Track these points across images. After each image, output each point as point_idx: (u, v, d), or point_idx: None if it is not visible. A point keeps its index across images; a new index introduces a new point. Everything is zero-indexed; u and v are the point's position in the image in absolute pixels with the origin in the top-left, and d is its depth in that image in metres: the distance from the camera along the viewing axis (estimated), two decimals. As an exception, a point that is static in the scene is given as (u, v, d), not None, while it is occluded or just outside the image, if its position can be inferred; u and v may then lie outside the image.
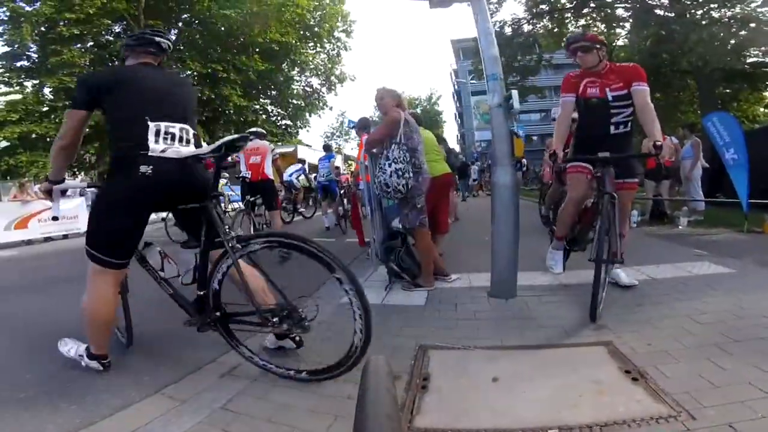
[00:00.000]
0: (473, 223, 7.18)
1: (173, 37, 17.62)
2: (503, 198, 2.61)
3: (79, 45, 15.66)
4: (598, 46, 2.50)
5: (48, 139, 15.09)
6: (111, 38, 16.60)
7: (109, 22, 15.87)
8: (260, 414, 1.48)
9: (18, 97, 15.23)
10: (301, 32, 19.16)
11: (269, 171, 4.82)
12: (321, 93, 21.65)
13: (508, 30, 14.05)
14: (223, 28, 17.03)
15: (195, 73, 16.46)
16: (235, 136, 1.68)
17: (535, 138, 30.21)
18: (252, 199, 4.73)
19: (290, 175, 9.21)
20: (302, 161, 12.09)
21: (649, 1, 11.80)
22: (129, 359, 2.11)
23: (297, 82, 21.12)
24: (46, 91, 15.70)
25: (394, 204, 3.23)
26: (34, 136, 14.49)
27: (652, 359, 1.63)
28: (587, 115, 2.58)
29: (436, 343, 1.92)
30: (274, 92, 20.20)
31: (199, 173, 1.78)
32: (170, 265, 1.96)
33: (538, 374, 1.62)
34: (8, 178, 14.21)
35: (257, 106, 19.59)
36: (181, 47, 17.11)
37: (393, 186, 2.77)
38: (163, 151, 1.65)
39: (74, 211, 9.62)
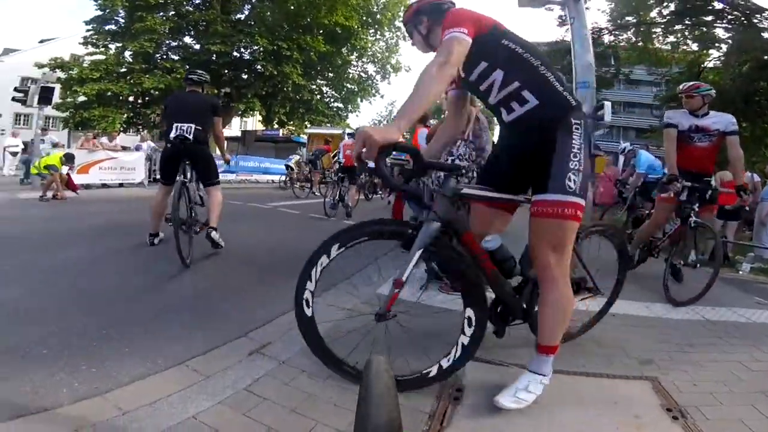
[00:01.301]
0: (515, 234, 6.93)
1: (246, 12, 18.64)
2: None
3: (161, 13, 16.43)
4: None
5: (121, 98, 16.16)
6: (191, 8, 17.24)
7: None
8: (284, 401, 1.37)
9: (101, 57, 16.29)
10: (364, 18, 19.12)
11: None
12: (375, 80, 21.60)
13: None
14: (292, 7, 17.27)
15: (261, 49, 16.82)
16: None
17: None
18: (342, 176, 7.17)
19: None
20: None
21: (757, 23, 10.70)
22: (164, 321, 2.08)
23: (354, 66, 21.11)
24: (127, 54, 16.67)
25: None
26: (109, 94, 15.43)
27: (696, 400, 1.56)
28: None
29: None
30: (330, 74, 20.28)
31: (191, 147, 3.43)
32: None
33: (576, 402, 1.55)
34: (80, 129, 15.56)
35: (314, 86, 19.93)
36: (252, 22, 17.55)
37: None
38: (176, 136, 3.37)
39: (133, 164, 10.42)
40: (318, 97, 20.28)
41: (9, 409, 1.27)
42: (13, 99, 10.36)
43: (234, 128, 24.34)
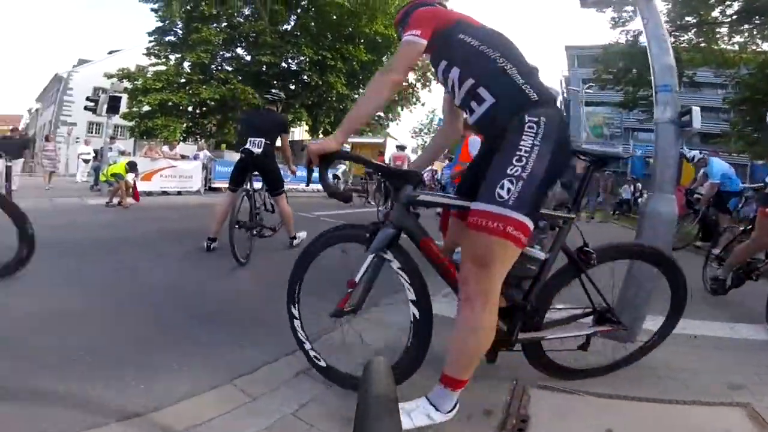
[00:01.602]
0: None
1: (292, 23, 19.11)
2: (657, 231, 2.10)
3: (215, 24, 17.21)
4: None
5: (181, 108, 16.98)
6: (241, 20, 17.94)
7: (241, 3, 17.20)
8: (332, 430, 1.29)
9: (163, 68, 17.22)
10: None
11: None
12: (415, 88, 21.59)
13: (644, 41, 12.68)
14: (334, 17, 17.58)
15: (307, 59, 17.25)
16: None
17: (652, 160, 27.17)
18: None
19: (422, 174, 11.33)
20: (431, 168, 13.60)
21: None
22: (212, 333, 2.07)
23: None
24: (185, 65, 17.53)
25: None
26: (170, 103, 16.33)
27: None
28: None
29: (538, 381, 1.63)
30: None
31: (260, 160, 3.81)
32: None
33: None
34: (144, 137, 16.67)
35: (356, 96, 20.33)
36: (298, 33, 18.06)
37: None
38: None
39: (191, 172, 10.97)
40: None
41: (53, 424, 1.25)
42: (85, 108, 11.37)
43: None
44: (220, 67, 18.32)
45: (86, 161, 13.40)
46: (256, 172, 3.86)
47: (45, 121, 35.78)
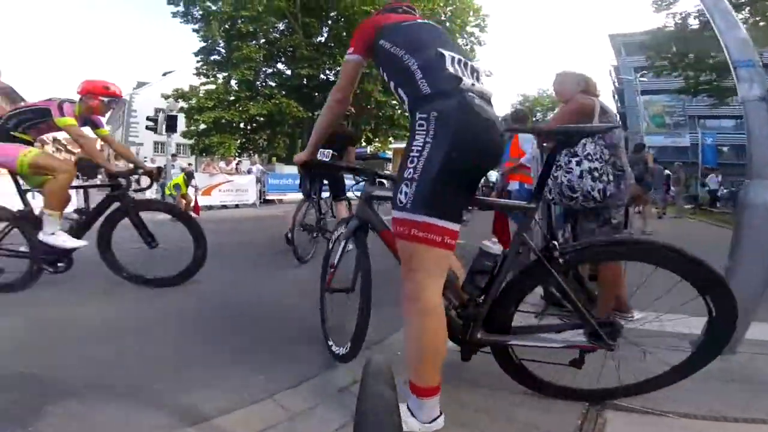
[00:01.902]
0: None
1: (325, 35, 19.33)
2: (756, 223, 1.82)
3: (254, 41, 17.76)
4: None
5: (233, 125, 17.71)
6: (277, 35, 18.48)
7: (274, 19, 17.61)
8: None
9: (212, 87, 18.06)
10: None
11: None
12: None
13: (693, 23, 11.89)
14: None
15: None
16: None
17: (725, 149, 24.49)
18: None
19: None
20: None
21: None
22: (255, 344, 2.04)
23: None
24: (233, 82, 18.25)
25: (561, 212, 2.58)
26: (223, 121, 17.15)
27: None
28: None
29: (615, 402, 1.42)
30: None
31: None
32: None
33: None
34: (204, 154, 17.73)
35: (394, 102, 20.54)
36: (332, 44, 18.40)
37: (583, 190, 2.11)
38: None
39: (247, 186, 11.64)
40: (399, 111, 20.82)
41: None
42: (146, 128, 12.44)
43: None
44: (264, 83, 19.02)
45: (155, 178, 14.65)
46: (325, 181, 4.37)
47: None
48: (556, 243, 1.34)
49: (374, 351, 1.86)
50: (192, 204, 9.00)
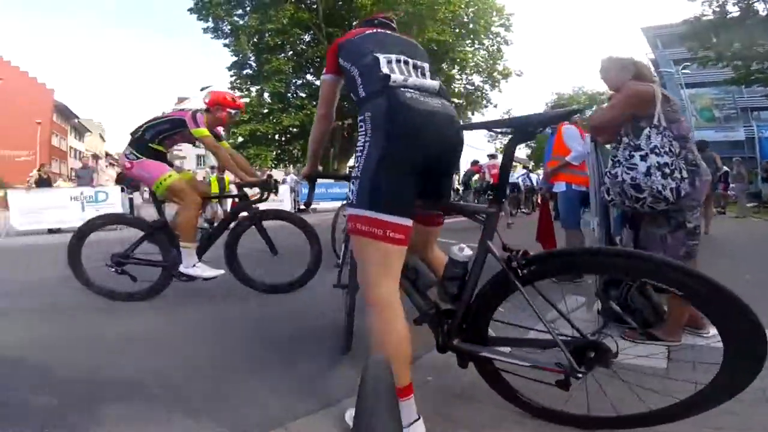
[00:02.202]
0: (719, 251, 4.98)
1: None
2: None
3: (282, 54, 18.10)
4: None
5: (268, 137, 18.25)
6: (304, 47, 18.74)
7: (300, 31, 17.75)
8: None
9: (247, 100, 18.10)
10: (456, 30, 18.74)
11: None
12: (483, 90, 21.00)
13: (733, 9, 11.22)
14: None
15: None
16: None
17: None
18: (490, 193, 8.20)
19: (517, 178, 12.36)
20: (525, 167, 14.31)
21: None
22: (274, 364, 1.93)
23: (458, 80, 20.70)
24: (266, 95, 18.68)
25: (619, 215, 2.32)
26: (258, 133, 17.72)
27: None
28: None
29: None
30: None
31: None
32: None
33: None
34: None
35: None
36: None
37: (652, 189, 1.80)
38: None
39: (282, 196, 11.90)
40: None
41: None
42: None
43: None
44: (295, 95, 19.47)
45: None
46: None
47: None
48: (516, 252, 1.23)
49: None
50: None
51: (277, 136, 19.24)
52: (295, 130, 18.21)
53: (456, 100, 21.09)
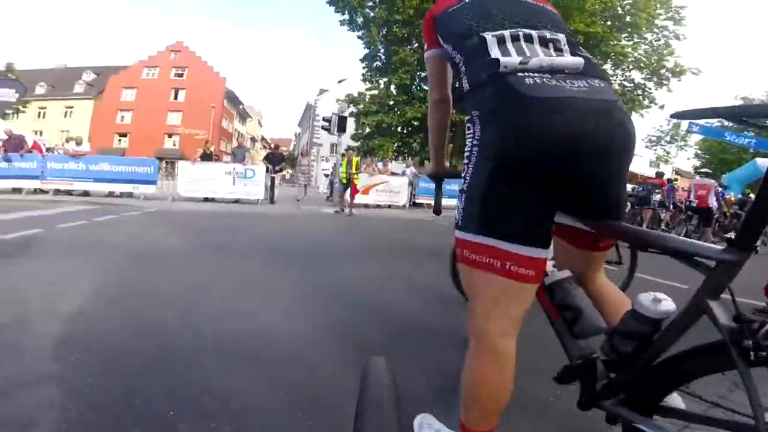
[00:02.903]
0: None
1: None
2: None
3: (408, 46, 18.09)
4: None
5: (392, 128, 18.80)
6: None
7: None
8: None
9: (375, 92, 19.24)
10: (608, 22, 16.75)
11: (712, 201, 8.74)
12: (646, 89, 18.25)
13: None
14: None
15: None
16: None
17: None
18: (691, 215, 9.09)
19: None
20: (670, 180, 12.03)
21: None
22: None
23: (612, 76, 18.33)
24: (392, 87, 18.99)
25: None
26: (384, 125, 18.36)
27: None
28: None
29: None
30: None
31: None
32: None
33: None
34: (368, 156, 19.55)
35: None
36: None
37: None
38: None
39: (400, 187, 12.33)
40: None
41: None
42: (322, 128, 14.23)
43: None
44: (419, 87, 19.38)
45: (326, 176, 16.91)
46: None
47: (303, 144, 46.34)
48: (753, 324, 0.76)
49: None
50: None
51: (399, 128, 19.58)
52: (416, 123, 18.31)
53: (609, 99, 18.71)
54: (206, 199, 10.66)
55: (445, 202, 1.69)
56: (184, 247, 4.50)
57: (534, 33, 0.97)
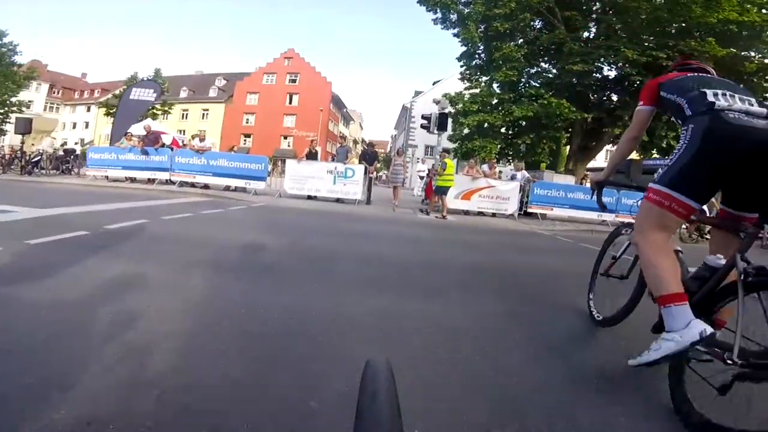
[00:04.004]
0: None
1: (593, 29, 16.45)
2: None
3: (512, 42, 16.62)
4: None
5: (495, 128, 17.19)
6: (536, 33, 16.77)
7: (530, 16, 15.92)
8: None
9: (476, 90, 17.71)
10: (765, 10, 13.24)
11: None
12: None
13: None
14: (644, 14, 14.13)
15: (627, 63, 14.56)
16: None
17: None
18: None
19: None
20: None
21: None
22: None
23: None
24: (494, 85, 17.54)
25: None
26: (485, 125, 16.95)
27: None
28: None
29: None
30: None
31: None
32: None
33: None
34: (466, 158, 18.07)
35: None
36: (603, 37, 15.64)
37: None
38: None
39: (509, 193, 10.70)
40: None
41: None
42: (421, 126, 13.37)
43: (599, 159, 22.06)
44: (528, 84, 17.74)
45: (421, 177, 16.10)
46: None
47: (399, 145, 46.65)
48: (749, 268, 1.43)
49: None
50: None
51: (504, 129, 17.91)
52: (524, 122, 16.39)
53: None
54: (309, 197, 10.70)
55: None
56: (268, 252, 3.99)
57: (735, 94, 1.61)
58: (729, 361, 1.25)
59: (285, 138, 46.47)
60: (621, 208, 10.37)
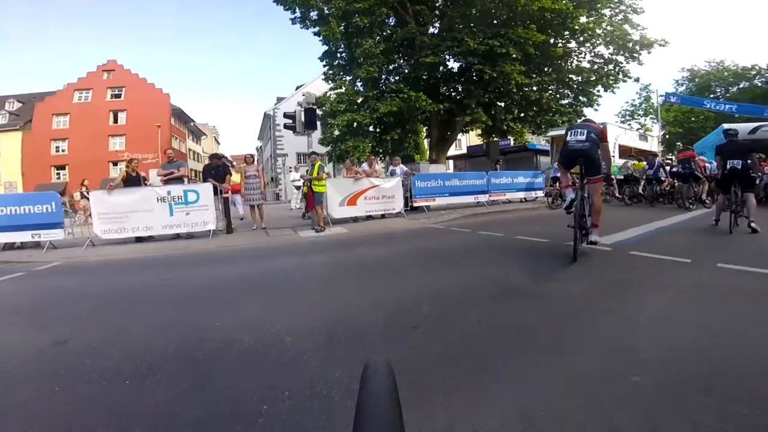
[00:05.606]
0: None
1: (438, 24, 17.27)
2: None
3: (370, 38, 16.14)
4: None
5: (364, 127, 16.66)
6: (390, 30, 16.89)
7: (386, 11, 15.75)
8: None
9: (342, 90, 16.78)
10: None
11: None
12: (618, 63, 17.11)
13: None
14: (477, 7, 15.48)
15: (468, 51, 15.21)
16: None
17: None
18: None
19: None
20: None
21: None
22: None
23: (578, 54, 17.28)
24: (358, 83, 16.87)
25: None
26: (355, 124, 16.13)
27: None
28: None
29: None
30: (548, 69, 16.95)
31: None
32: None
33: None
34: (340, 161, 16.79)
35: (543, 82, 17.15)
36: (449, 29, 16.41)
37: None
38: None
39: (393, 191, 9.99)
40: (547, 93, 17.29)
41: None
42: (285, 126, 11.46)
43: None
44: (388, 80, 17.54)
45: (297, 188, 14.14)
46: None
47: (267, 156, 42.52)
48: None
49: None
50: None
51: (371, 128, 17.42)
52: (390, 119, 16.00)
53: (573, 77, 17.34)
54: (138, 239, 7.78)
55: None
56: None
57: (578, 129, 4.89)
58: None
59: (115, 164, 37.57)
60: (492, 188, 12.37)
